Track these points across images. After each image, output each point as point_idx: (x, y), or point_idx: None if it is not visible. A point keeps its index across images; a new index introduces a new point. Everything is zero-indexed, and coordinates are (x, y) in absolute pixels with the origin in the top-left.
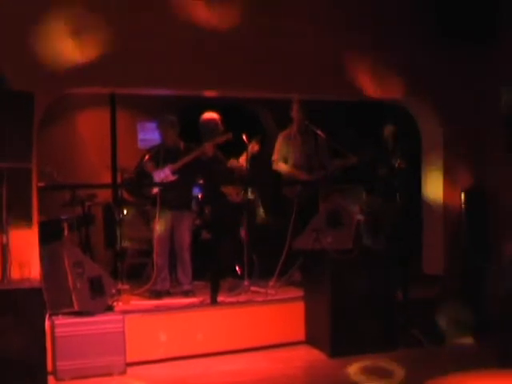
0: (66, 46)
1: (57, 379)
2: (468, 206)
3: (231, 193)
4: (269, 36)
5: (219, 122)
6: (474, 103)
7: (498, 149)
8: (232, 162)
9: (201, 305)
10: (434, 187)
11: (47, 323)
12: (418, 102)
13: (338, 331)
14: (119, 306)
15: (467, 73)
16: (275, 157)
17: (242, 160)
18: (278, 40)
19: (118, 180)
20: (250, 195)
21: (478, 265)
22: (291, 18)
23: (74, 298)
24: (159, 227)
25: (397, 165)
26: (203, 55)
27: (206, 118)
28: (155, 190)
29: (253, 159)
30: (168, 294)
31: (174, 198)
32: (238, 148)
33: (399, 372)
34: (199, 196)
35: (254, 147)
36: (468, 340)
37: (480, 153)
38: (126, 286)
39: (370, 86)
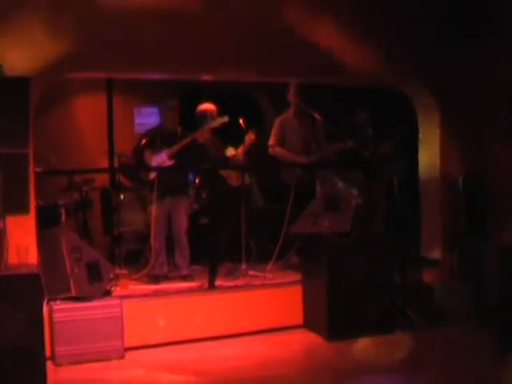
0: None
1: (55, 364)
2: (466, 190)
3: (231, 176)
4: (265, 18)
5: (215, 113)
6: (472, 86)
7: (497, 132)
8: (230, 151)
9: (199, 289)
10: (431, 170)
11: (45, 309)
12: (415, 85)
13: (336, 315)
14: (117, 290)
15: (466, 55)
16: (272, 141)
17: (240, 151)
18: (275, 23)
19: (115, 165)
20: (248, 179)
21: (477, 249)
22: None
23: (71, 283)
24: (156, 212)
25: (384, 149)
26: (200, 38)
27: (202, 108)
28: (152, 174)
29: (250, 147)
30: (166, 278)
31: (171, 182)
32: (236, 134)
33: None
34: (196, 181)
35: (250, 137)
36: (466, 324)
37: (478, 136)
38: (124, 271)
39: (367, 69)
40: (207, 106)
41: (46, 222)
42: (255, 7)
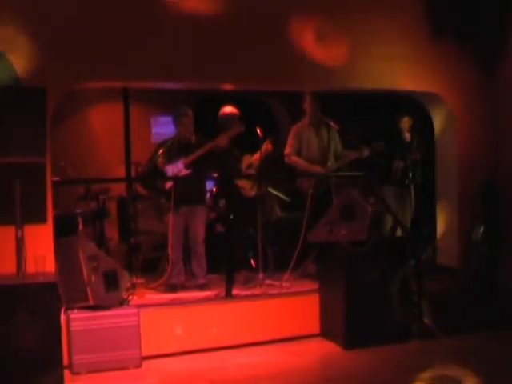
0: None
1: (73, 373)
2: (482, 198)
3: (245, 187)
4: (281, 28)
5: (238, 117)
6: (490, 94)
7: None
8: (246, 159)
9: (216, 298)
10: (447, 178)
11: (63, 317)
12: (430, 94)
13: (353, 324)
14: (134, 299)
15: (479, 63)
16: (288, 150)
17: (256, 158)
18: (291, 32)
19: (132, 174)
20: (264, 190)
21: (492, 256)
22: (303, 10)
23: (89, 292)
24: (173, 221)
25: (412, 157)
26: (216, 49)
27: (226, 112)
28: (169, 184)
29: (266, 157)
30: (183, 287)
31: (188, 191)
32: (252, 142)
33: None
34: (214, 189)
35: (267, 147)
36: (482, 332)
37: (494, 144)
38: (141, 280)
39: (383, 77)
40: (230, 110)
41: (64, 231)
42: (274, 16)
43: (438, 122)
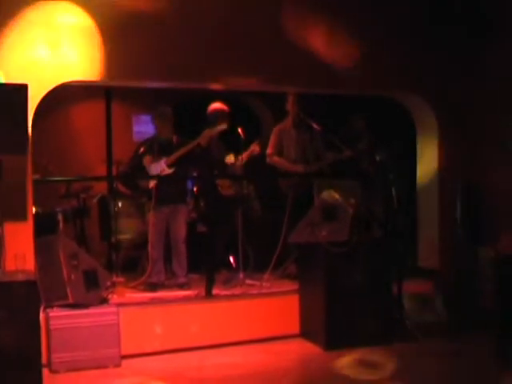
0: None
1: (51, 371)
2: (463, 200)
3: (223, 185)
4: (264, 28)
5: (227, 112)
6: (470, 97)
7: (495, 142)
8: (230, 158)
9: (196, 297)
10: (428, 180)
11: (42, 316)
12: (412, 95)
13: (333, 324)
14: (114, 298)
15: (463, 64)
16: (270, 150)
17: (240, 160)
18: (274, 32)
19: (113, 173)
20: (245, 189)
21: (473, 259)
22: (290, 11)
23: (68, 290)
24: (154, 220)
25: (378, 157)
26: (199, 47)
27: (215, 107)
28: (152, 183)
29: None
30: (163, 286)
31: (170, 191)
32: (234, 143)
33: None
34: (194, 189)
35: (255, 149)
36: (463, 334)
37: (476, 146)
38: (121, 279)
39: (363, 79)
40: (219, 105)
41: (44, 229)
42: (257, 17)
43: (419, 124)
